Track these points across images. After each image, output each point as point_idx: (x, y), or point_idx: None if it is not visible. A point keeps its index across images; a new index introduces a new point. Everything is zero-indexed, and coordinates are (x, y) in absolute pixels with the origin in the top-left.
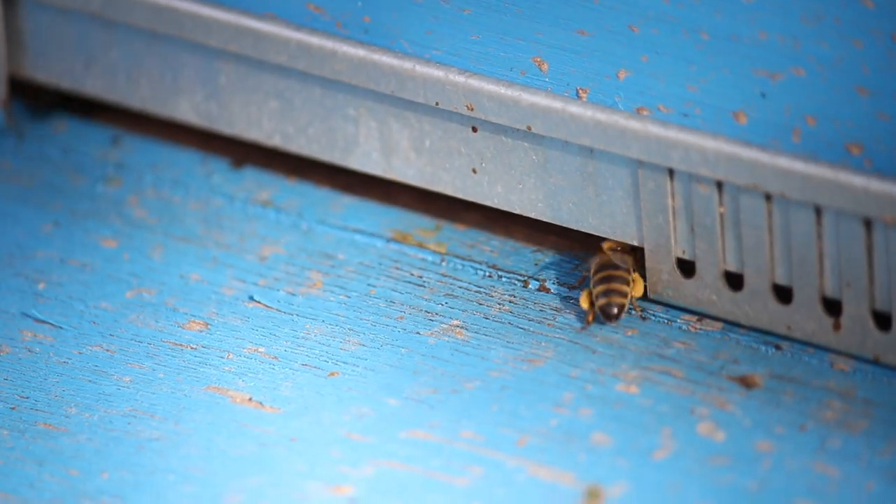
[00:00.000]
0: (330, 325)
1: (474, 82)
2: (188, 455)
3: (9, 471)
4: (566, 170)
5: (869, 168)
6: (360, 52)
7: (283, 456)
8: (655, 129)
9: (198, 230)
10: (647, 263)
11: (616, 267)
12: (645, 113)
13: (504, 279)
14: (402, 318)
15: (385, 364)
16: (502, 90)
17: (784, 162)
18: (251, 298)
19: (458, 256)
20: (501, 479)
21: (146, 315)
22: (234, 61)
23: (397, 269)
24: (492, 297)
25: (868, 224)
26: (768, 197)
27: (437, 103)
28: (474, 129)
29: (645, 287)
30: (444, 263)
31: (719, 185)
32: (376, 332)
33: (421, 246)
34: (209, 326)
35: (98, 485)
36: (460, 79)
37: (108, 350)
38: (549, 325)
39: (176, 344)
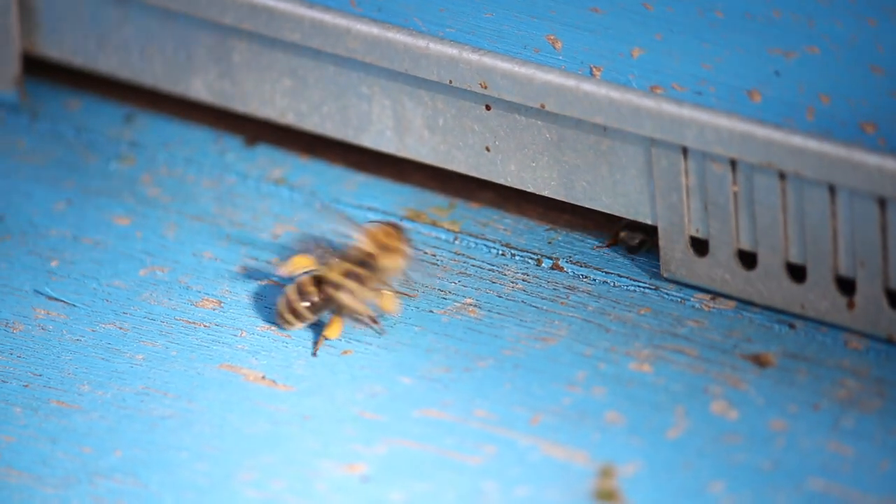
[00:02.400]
0: None
1: (488, 60)
2: (201, 433)
3: (22, 448)
4: (580, 148)
5: (883, 147)
6: (374, 30)
7: (296, 434)
8: (669, 108)
9: (211, 208)
10: (661, 242)
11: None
12: (659, 91)
13: (517, 258)
14: (415, 296)
15: (398, 342)
16: (516, 68)
17: (798, 140)
18: (265, 276)
19: (471, 235)
20: (515, 457)
21: (159, 293)
22: (247, 39)
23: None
24: (505, 275)
25: (882, 203)
26: (782, 175)
27: (450, 81)
28: (488, 107)
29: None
30: (457, 242)
31: (733, 164)
32: None
33: (434, 224)
34: (222, 304)
35: (111, 462)
36: (474, 56)
37: (121, 328)
38: (562, 303)
39: (189, 322)
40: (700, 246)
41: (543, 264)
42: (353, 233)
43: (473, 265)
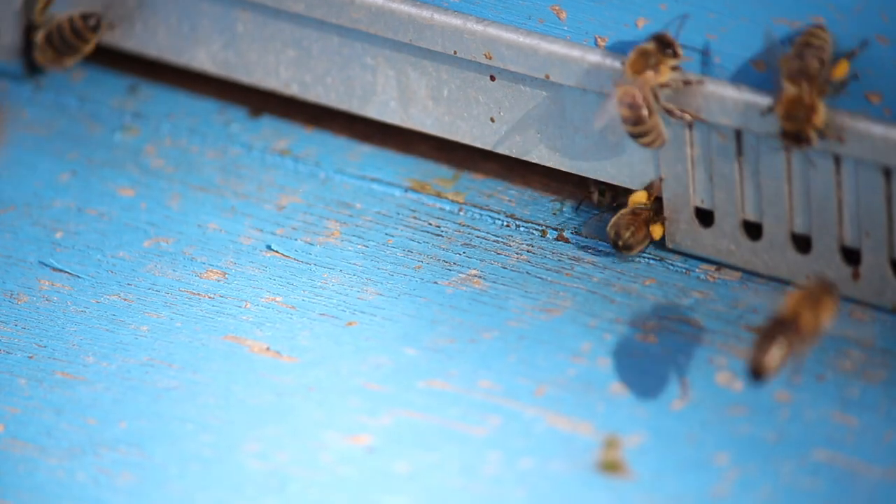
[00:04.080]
0: (348, 274)
1: (492, 31)
2: (206, 404)
3: (27, 419)
4: (584, 118)
5: (888, 117)
6: (378, 1)
7: (301, 405)
8: (675, 77)
9: (215, 179)
10: (666, 213)
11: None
12: None
13: (522, 229)
14: (419, 267)
15: (403, 314)
16: (520, 38)
17: None
18: (269, 248)
19: (475, 206)
20: (519, 428)
21: (164, 264)
22: (251, 10)
23: (415, 218)
24: (510, 246)
25: (887, 173)
26: (787, 146)
27: (455, 52)
28: (492, 78)
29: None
30: (461, 213)
31: (738, 134)
32: (394, 281)
33: (439, 195)
34: (227, 276)
35: (116, 433)
36: (478, 27)
37: (125, 299)
38: (567, 274)
39: (193, 293)
40: (705, 217)
41: (548, 235)
42: None
43: (478, 236)
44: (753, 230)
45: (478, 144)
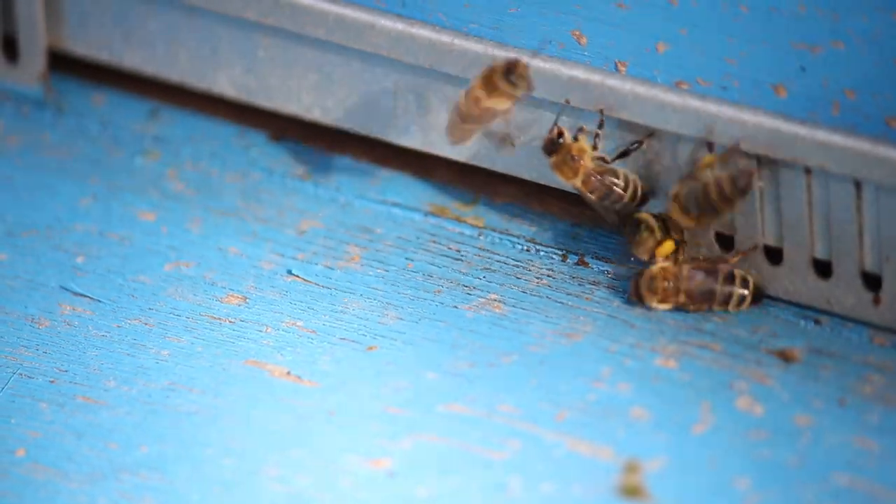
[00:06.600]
0: (368, 299)
1: (512, 56)
2: (227, 428)
3: (48, 444)
4: (604, 143)
5: None
6: (398, 26)
7: (322, 429)
8: (694, 103)
9: (236, 203)
10: (687, 237)
11: None
12: (684, 86)
13: (542, 253)
14: (439, 291)
15: (423, 338)
16: (541, 63)
17: (823, 135)
18: (289, 272)
19: (495, 230)
20: (540, 453)
21: (184, 288)
22: (272, 35)
23: (435, 242)
24: (530, 271)
25: None
26: (807, 170)
27: (475, 77)
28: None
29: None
30: (481, 237)
31: (759, 159)
32: (414, 305)
33: (458, 220)
34: (247, 300)
35: (137, 458)
36: (498, 52)
37: (146, 324)
38: (587, 299)
39: (214, 318)
40: (726, 242)
41: (568, 260)
42: None
43: (498, 261)
44: (774, 255)
45: (497, 169)
